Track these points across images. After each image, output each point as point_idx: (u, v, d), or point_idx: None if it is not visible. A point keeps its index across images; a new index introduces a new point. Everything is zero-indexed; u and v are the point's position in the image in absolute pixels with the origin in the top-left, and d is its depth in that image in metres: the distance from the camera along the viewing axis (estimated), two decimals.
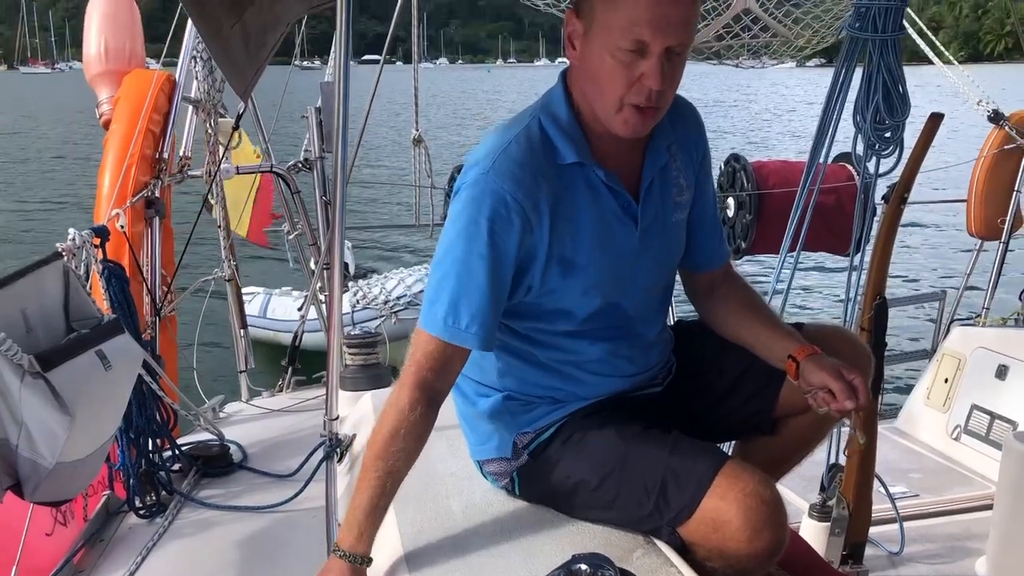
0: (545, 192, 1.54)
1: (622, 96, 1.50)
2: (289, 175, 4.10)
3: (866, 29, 2.25)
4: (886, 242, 2.36)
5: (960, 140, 9.29)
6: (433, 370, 1.55)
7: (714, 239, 1.84)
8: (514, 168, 1.53)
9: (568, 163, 1.57)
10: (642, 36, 1.44)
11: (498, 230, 1.52)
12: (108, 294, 2.47)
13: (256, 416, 3.55)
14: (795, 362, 1.63)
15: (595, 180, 1.59)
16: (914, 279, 11.14)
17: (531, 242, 1.55)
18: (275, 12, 2.30)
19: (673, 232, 1.72)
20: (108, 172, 3.15)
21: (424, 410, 1.54)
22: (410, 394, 1.55)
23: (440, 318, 1.54)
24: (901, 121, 2.32)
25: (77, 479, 1.93)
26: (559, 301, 1.62)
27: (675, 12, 1.45)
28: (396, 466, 1.54)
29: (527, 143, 1.56)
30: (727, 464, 1.49)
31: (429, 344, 1.56)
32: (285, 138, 4.65)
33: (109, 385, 1.99)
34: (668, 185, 1.69)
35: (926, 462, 3.26)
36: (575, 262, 1.59)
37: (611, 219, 1.61)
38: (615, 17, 1.46)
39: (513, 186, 1.52)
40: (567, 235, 1.57)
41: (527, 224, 1.53)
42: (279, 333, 8.15)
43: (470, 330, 1.54)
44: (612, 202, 1.61)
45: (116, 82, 3.48)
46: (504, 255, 1.53)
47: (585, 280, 1.60)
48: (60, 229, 2.55)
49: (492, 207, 1.51)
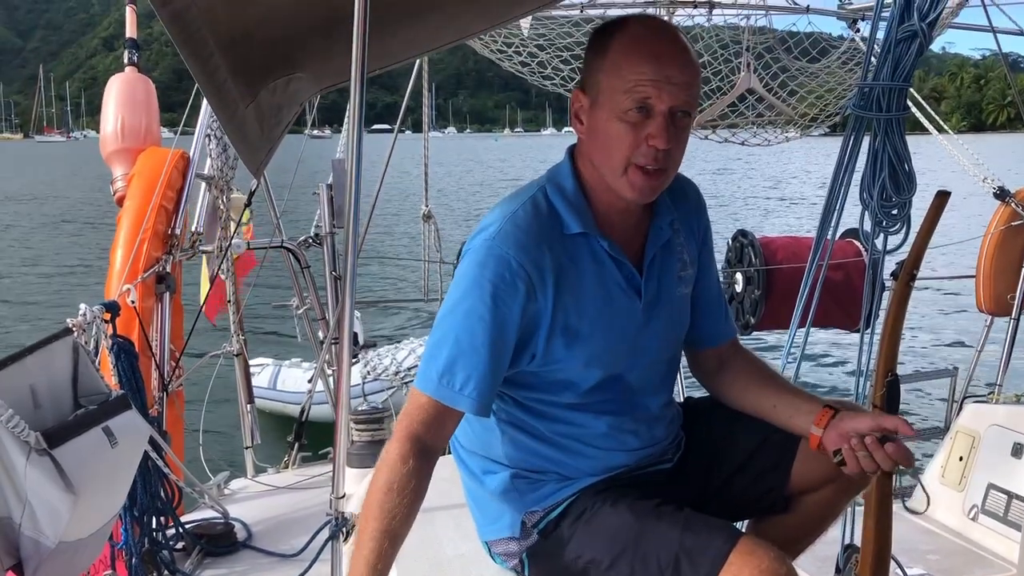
0: (550, 260, 1.55)
1: (629, 157, 1.54)
2: (299, 250, 4.14)
3: (870, 108, 2.28)
4: (896, 319, 2.34)
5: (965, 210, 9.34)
6: (424, 425, 1.54)
7: (719, 315, 1.85)
8: (520, 235, 1.55)
9: (573, 233, 1.59)
10: (647, 95, 1.50)
11: (501, 294, 1.52)
12: (117, 369, 2.48)
13: (261, 493, 3.51)
14: (832, 410, 1.62)
15: (600, 251, 1.61)
16: (925, 355, 11.08)
17: (535, 309, 1.55)
18: (289, 92, 2.35)
19: (677, 306, 1.73)
20: (121, 248, 3.19)
21: (416, 463, 1.51)
22: (399, 447, 1.53)
23: (435, 377, 1.54)
24: (908, 199, 2.34)
25: (79, 559, 1.90)
26: (562, 372, 1.62)
27: (677, 73, 1.52)
28: (392, 526, 1.50)
29: (534, 212, 1.59)
30: (741, 540, 1.47)
31: (422, 402, 1.55)
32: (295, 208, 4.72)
33: (115, 462, 1.97)
34: (672, 260, 1.71)
35: (943, 543, 3.19)
36: (579, 332, 1.59)
37: (615, 290, 1.63)
38: (620, 82, 1.52)
39: (518, 252, 1.53)
40: (571, 304, 1.58)
41: (531, 291, 1.54)
42: (287, 405, 8.12)
43: (464, 391, 1.53)
44: (616, 273, 1.63)
45: (131, 159, 3.55)
46: (506, 320, 1.53)
47: (588, 350, 1.60)
48: (69, 300, 2.56)
49: (496, 271, 1.53)
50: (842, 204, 2.52)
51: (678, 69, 1.53)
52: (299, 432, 4.07)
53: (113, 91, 3.72)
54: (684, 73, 1.54)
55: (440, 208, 5.59)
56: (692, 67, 1.57)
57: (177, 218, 3.36)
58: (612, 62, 1.55)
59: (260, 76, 2.15)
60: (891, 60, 2.18)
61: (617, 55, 1.54)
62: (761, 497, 1.76)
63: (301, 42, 2.22)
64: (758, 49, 4.04)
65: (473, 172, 51.38)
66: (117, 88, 3.71)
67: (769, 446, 1.72)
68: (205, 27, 1.80)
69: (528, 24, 4.05)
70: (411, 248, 12.92)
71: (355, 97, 1.75)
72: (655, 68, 1.51)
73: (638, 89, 1.51)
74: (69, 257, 21.79)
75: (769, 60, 4.07)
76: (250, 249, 3.97)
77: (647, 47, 1.53)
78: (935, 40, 2.43)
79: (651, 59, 1.52)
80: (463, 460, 1.78)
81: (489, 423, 1.70)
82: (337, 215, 3.84)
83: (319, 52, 2.28)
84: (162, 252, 3.23)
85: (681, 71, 1.53)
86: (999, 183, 4.14)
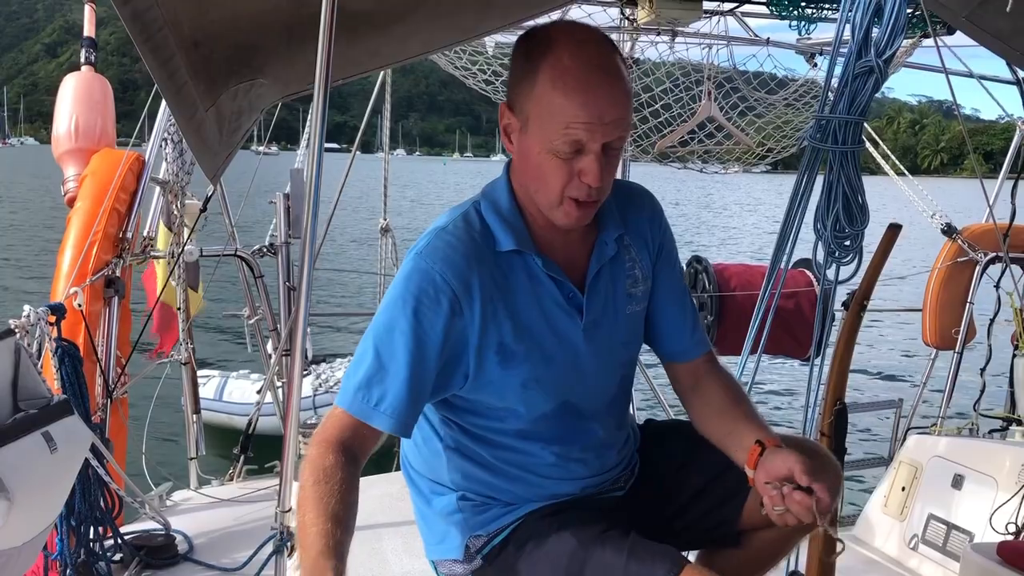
0: (478, 277, 1.52)
1: (562, 191, 1.50)
2: (253, 259, 4.09)
3: (826, 141, 2.32)
4: (846, 348, 2.39)
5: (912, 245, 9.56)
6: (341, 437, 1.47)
7: (685, 327, 1.77)
8: (447, 250, 1.52)
9: (505, 250, 1.56)
10: (579, 137, 1.45)
11: (424, 309, 1.48)
12: (60, 374, 2.41)
13: (205, 505, 3.44)
14: (760, 447, 1.56)
15: (535, 269, 1.57)
16: (871, 386, 11.27)
17: (461, 326, 1.51)
18: (251, 98, 2.32)
19: (627, 325, 1.68)
20: (69, 249, 3.11)
21: (337, 458, 1.43)
22: (317, 449, 1.45)
23: (351, 392, 1.48)
24: (860, 230, 2.38)
25: (12, 568, 1.84)
26: (502, 395, 1.58)
27: (609, 112, 1.44)
28: (331, 508, 1.39)
29: (464, 227, 1.56)
30: (685, 570, 1.45)
31: (339, 414, 1.49)
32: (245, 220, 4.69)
33: (53, 468, 1.91)
34: (620, 276, 1.66)
35: (884, 572, 3.23)
36: (514, 351, 1.55)
37: (553, 309, 1.58)
38: (550, 120, 1.45)
39: (444, 267, 1.50)
40: (504, 322, 1.54)
41: (456, 307, 1.50)
42: (233, 417, 7.98)
43: (380, 408, 1.47)
44: (555, 291, 1.58)
45: (84, 160, 3.48)
46: (428, 335, 1.48)
47: (525, 371, 1.56)
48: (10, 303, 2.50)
49: (420, 286, 1.49)
50: (796, 234, 2.56)
51: (610, 106, 1.44)
52: (245, 444, 4.00)
53: (68, 90, 3.65)
54: (616, 109, 1.45)
55: (396, 221, 5.57)
56: (623, 98, 1.47)
57: (129, 221, 3.30)
58: (541, 96, 1.46)
59: (222, 80, 2.12)
60: (848, 94, 2.23)
61: (546, 89, 1.45)
62: (712, 529, 1.74)
63: (265, 48, 2.20)
64: (719, 79, 4.10)
65: (427, 190, 51.59)
66: (73, 87, 3.64)
67: (724, 480, 1.68)
68: (167, 27, 1.77)
69: (493, 43, 4.07)
70: (367, 262, 12.85)
71: (318, 104, 1.74)
72: (586, 111, 1.43)
73: (569, 132, 1.45)
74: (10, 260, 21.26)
75: (729, 89, 4.13)
76: (203, 256, 3.90)
77: (577, 85, 1.44)
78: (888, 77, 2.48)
79: (582, 100, 1.43)
80: (412, 479, 1.75)
81: (436, 447, 1.67)
82: (293, 225, 3.80)
83: (283, 58, 2.26)
84: (112, 255, 3.16)
85: (613, 107, 1.45)
86: (947, 219, 4.24)
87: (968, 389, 4.40)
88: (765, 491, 1.50)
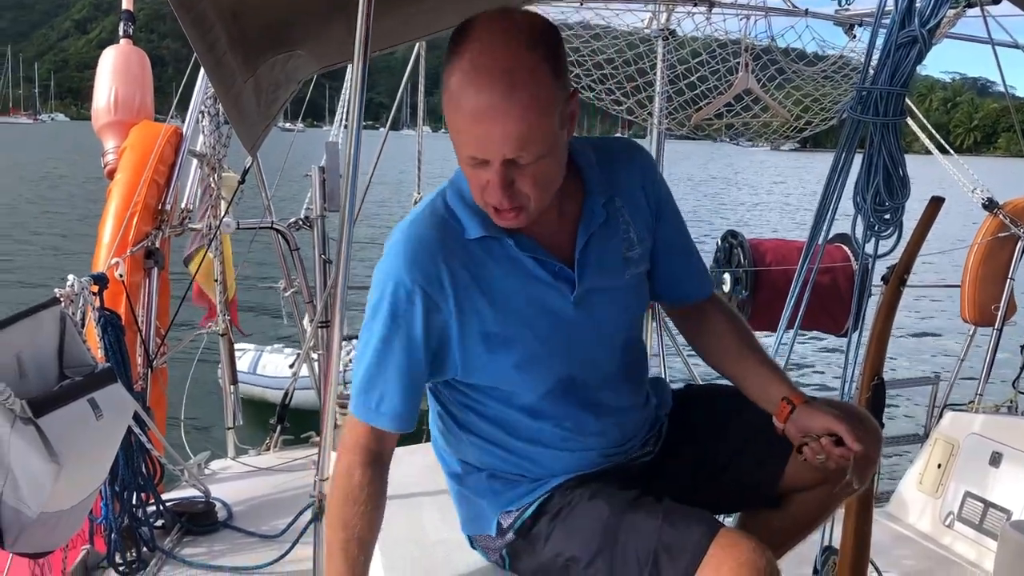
0: (448, 270, 1.50)
1: (481, 197, 1.47)
2: (289, 232, 4.12)
3: (867, 112, 2.29)
4: (884, 323, 2.36)
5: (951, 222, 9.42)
6: (359, 439, 1.54)
7: (690, 271, 1.75)
8: (412, 247, 1.51)
9: (475, 237, 1.53)
10: (472, 153, 1.41)
11: (401, 313, 1.50)
12: (103, 342, 2.46)
13: (243, 474, 3.50)
14: (790, 405, 1.58)
15: (512, 251, 1.54)
16: (908, 363, 11.15)
17: (440, 320, 1.51)
18: (287, 70, 2.33)
19: (627, 290, 1.65)
20: (110, 220, 3.15)
21: (363, 473, 1.51)
22: (344, 460, 1.54)
23: (355, 397, 1.55)
24: (901, 204, 2.35)
25: (60, 531, 1.89)
26: (499, 379, 1.58)
27: (495, 130, 1.36)
28: (357, 533, 1.50)
29: (430, 221, 1.54)
30: (721, 532, 1.44)
31: (352, 422, 1.56)
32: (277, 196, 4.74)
33: (99, 434, 1.96)
34: (614, 241, 1.62)
35: (918, 549, 3.21)
36: (501, 336, 1.54)
37: (538, 289, 1.56)
38: (452, 131, 1.41)
39: (410, 268, 1.49)
40: (484, 309, 1.53)
41: (430, 303, 1.50)
42: (267, 390, 8.08)
43: (380, 410, 1.53)
44: (538, 270, 1.55)
45: (123, 133, 3.51)
46: (410, 337, 1.51)
47: (518, 354, 1.55)
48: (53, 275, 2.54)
49: (393, 291, 1.50)
50: (835, 208, 2.54)
51: (496, 124, 1.35)
52: (282, 415, 4.04)
53: (107, 63, 3.68)
54: (505, 126, 1.35)
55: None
56: (514, 116, 1.35)
57: (168, 193, 3.33)
58: (446, 103, 1.40)
59: (260, 51, 2.14)
60: (890, 65, 2.19)
61: (448, 97, 1.40)
62: (752, 490, 1.74)
63: (302, 20, 2.21)
64: (756, 50, 4.04)
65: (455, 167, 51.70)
66: (112, 60, 3.67)
67: (765, 439, 1.67)
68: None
69: None
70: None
71: (357, 73, 1.74)
72: (474, 126, 1.37)
73: (464, 145, 1.40)
74: (51, 233, 21.60)
75: (767, 61, 4.07)
76: (240, 228, 3.93)
77: (466, 102, 1.36)
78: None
79: (470, 117, 1.37)
80: (443, 459, 1.76)
81: (458, 430, 1.69)
82: (329, 197, 3.81)
83: (319, 31, 2.27)
84: (152, 227, 3.20)
85: (500, 125, 1.35)
86: (988, 194, 4.17)
87: (1007, 366, 4.34)
88: (800, 443, 1.56)
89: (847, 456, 1.52)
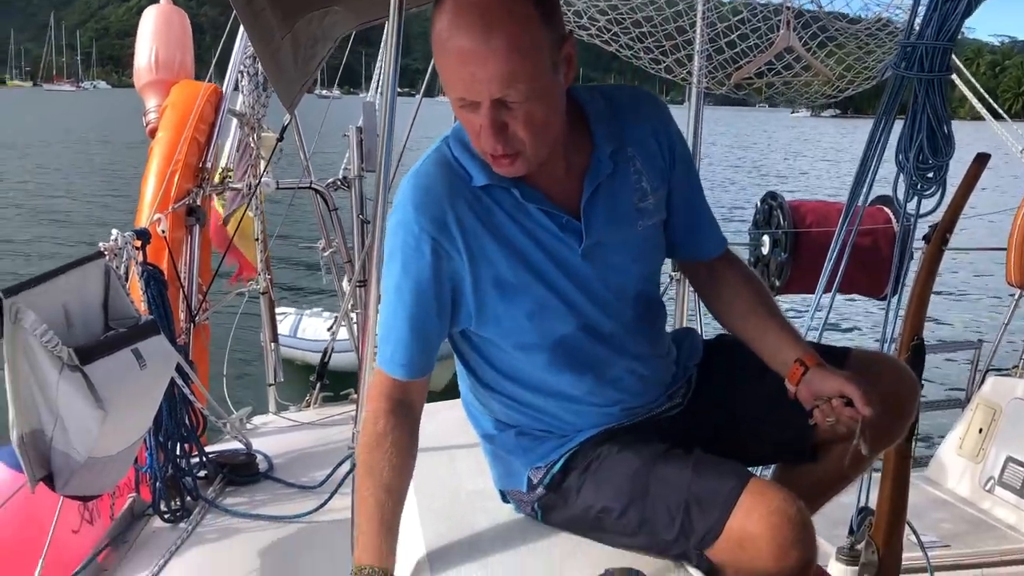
0: (455, 216, 1.49)
1: (477, 142, 1.46)
2: (327, 192, 4.15)
3: (911, 68, 2.24)
4: (925, 283, 2.32)
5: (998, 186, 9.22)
6: (385, 389, 1.56)
7: (702, 228, 1.72)
8: (419, 195, 1.50)
9: (481, 185, 1.51)
10: (461, 94, 1.40)
11: (410, 261, 1.50)
12: (146, 296, 2.51)
13: (283, 429, 3.57)
14: (803, 367, 1.56)
15: (518, 200, 1.52)
16: (950, 326, 10.98)
17: (451, 268, 1.51)
18: (324, 26, 2.34)
19: (637, 241, 1.61)
20: (152, 178, 3.21)
21: (387, 421, 1.53)
22: (371, 408, 1.56)
23: (380, 348, 1.57)
24: (945, 161, 2.30)
25: (107, 475, 1.95)
26: (514, 329, 1.57)
27: (482, 70, 1.35)
28: (384, 479, 1.51)
29: (435, 168, 1.53)
30: (752, 482, 1.44)
31: (377, 372, 1.58)
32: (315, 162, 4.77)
33: (143, 384, 2.01)
34: (624, 192, 1.59)
35: (957, 512, 3.19)
36: (512, 283, 1.53)
37: (545, 238, 1.54)
38: (441, 73, 1.40)
39: (418, 214, 1.49)
40: (495, 255, 1.52)
41: (439, 250, 1.49)
42: (307, 353, 8.19)
43: (395, 360, 1.54)
44: (545, 220, 1.53)
45: (164, 92, 3.55)
46: (420, 285, 1.50)
47: (528, 302, 1.54)
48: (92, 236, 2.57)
49: (403, 239, 1.50)
50: (876, 168, 2.49)
51: (481, 64, 1.35)
52: (321, 372, 4.10)
53: (148, 23, 3.72)
54: (490, 66, 1.35)
55: None
56: (499, 55, 1.35)
57: (208, 152, 3.37)
58: (434, 43, 1.40)
59: (298, 6, 2.14)
60: (937, 18, 2.13)
61: (434, 41, 1.39)
62: (786, 444, 1.73)
63: None
64: (798, 7, 3.95)
65: None
66: (152, 20, 3.71)
67: None
68: None
69: None
70: None
71: (393, 30, 1.74)
72: (461, 68, 1.36)
73: (453, 87, 1.39)
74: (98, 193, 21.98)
75: (809, 19, 3.98)
76: (279, 188, 3.97)
77: (452, 43, 1.36)
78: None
79: (456, 58, 1.36)
80: (473, 417, 1.77)
81: (483, 388, 1.69)
82: (366, 158, 3.83)
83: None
84: (193, 185, 3.25)
85: (485, 65, 1.35)
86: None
87: None
88: (812, 405, 1.54)
89: (855, 418, 1.49)
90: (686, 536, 1.48)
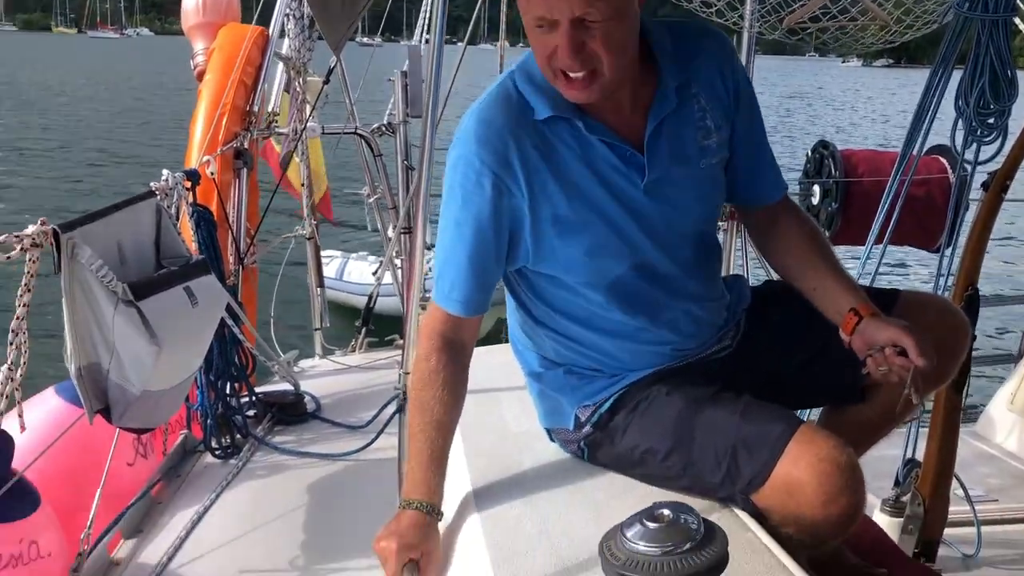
0: (517, 150, 1.48)
1: (550, 64, 1.44)
2: (372, 138, 4.14)
3: (975, 9, 2.17)
4: (982, 231, 2.26)
5: None
6: (437, 326, 1.57)
7: (763, 171, 1.70)
8: (482, 129, 1.49)
9: (543, 118, 1.50)
10: (539, 12, 1.39)
11: (470, 195, 1.49)
12: (197, 236, 2.54)
13: (330, 371, 3.62)
14: (857, 317, 1.54)
15: (581, 133, 1.51)
16: (1008, 278, 10.72)
17: (511, 203, 1.50)
18: None
19: (701, 180, 1.60)
20: (201, 120, 3.23)
21: (439, 358, 1.54)
22: (423, 345, 1.57)
23: (436, 283, 1.57)
24: (1008, 106, 2.23)
25: (161, 409, 2.00)
26: (570, 267, 1.57)
27: None
28: (435, 416, 1.53)
29: (497, 102, 1.52)
30: (800, 429, 1.43)
31: (432, 307, 1.59)
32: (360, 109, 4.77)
33: (195, 321, 2.04)
34: (688, 128, 1.57)
35: (1005, 467, 3.15)
36: (571, 220, 1.52)
37: (608, 172, 1.52)
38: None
39: (480, 148, 1.48)
40: (555, 192, 1.51)
41: (500, 186, 1.48)
42: (353, 296, 8.27)
43: (452, 296, 1.54)
44: (608, 154, 1.52)
45: (212, 34, 3.56)
46: (480, 220, 1.50)
47: (587, 239, 1.53)
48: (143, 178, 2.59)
49: (464, 172, 1.49)
50: (934, 114, 2.42)
51: None
52: (367, 317, 4.14)
53: None
54: None
55: None
56: None
57: (255, 95, 3.38)
58: None
59: None
60: None
61: None
62: (836, 387, 1.72)
63: None
64: None
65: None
66: None
67: None
68: None
69: None
70: None
71: None
72: None
73: (532, 6, 1.39)
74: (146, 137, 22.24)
75: None
76: (325, 134, 3.98)
77: None
78: None
79: None
80: (521, 355, 1.78)
81: (534, 325, 1.69)
82: (412, 103, 3.80)
83: None
84: (240, 127, 3.27)
85: None
86: None
87: None
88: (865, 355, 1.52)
89: (907, 367, 1.47)
90: (732, 480, 1.48)
